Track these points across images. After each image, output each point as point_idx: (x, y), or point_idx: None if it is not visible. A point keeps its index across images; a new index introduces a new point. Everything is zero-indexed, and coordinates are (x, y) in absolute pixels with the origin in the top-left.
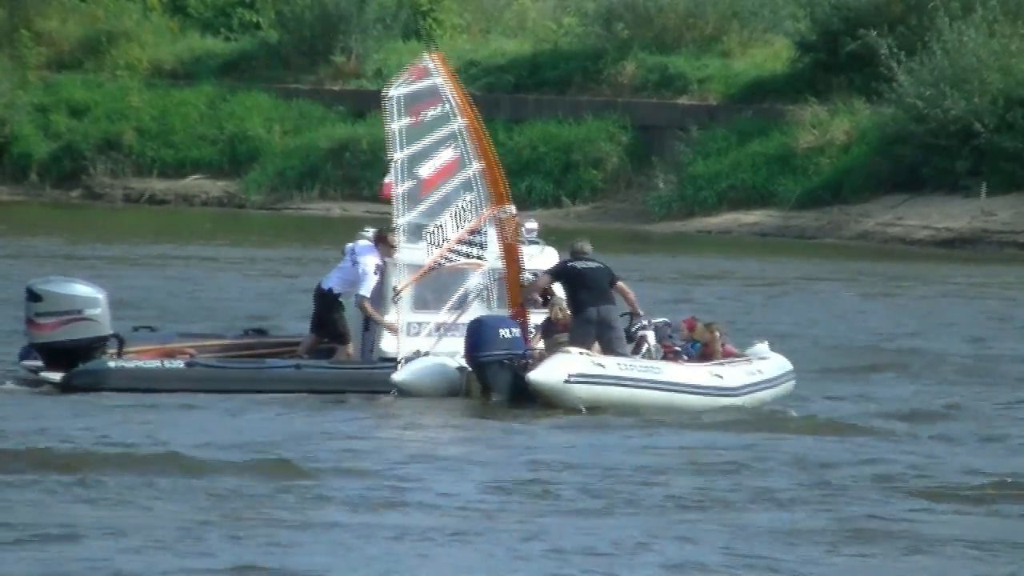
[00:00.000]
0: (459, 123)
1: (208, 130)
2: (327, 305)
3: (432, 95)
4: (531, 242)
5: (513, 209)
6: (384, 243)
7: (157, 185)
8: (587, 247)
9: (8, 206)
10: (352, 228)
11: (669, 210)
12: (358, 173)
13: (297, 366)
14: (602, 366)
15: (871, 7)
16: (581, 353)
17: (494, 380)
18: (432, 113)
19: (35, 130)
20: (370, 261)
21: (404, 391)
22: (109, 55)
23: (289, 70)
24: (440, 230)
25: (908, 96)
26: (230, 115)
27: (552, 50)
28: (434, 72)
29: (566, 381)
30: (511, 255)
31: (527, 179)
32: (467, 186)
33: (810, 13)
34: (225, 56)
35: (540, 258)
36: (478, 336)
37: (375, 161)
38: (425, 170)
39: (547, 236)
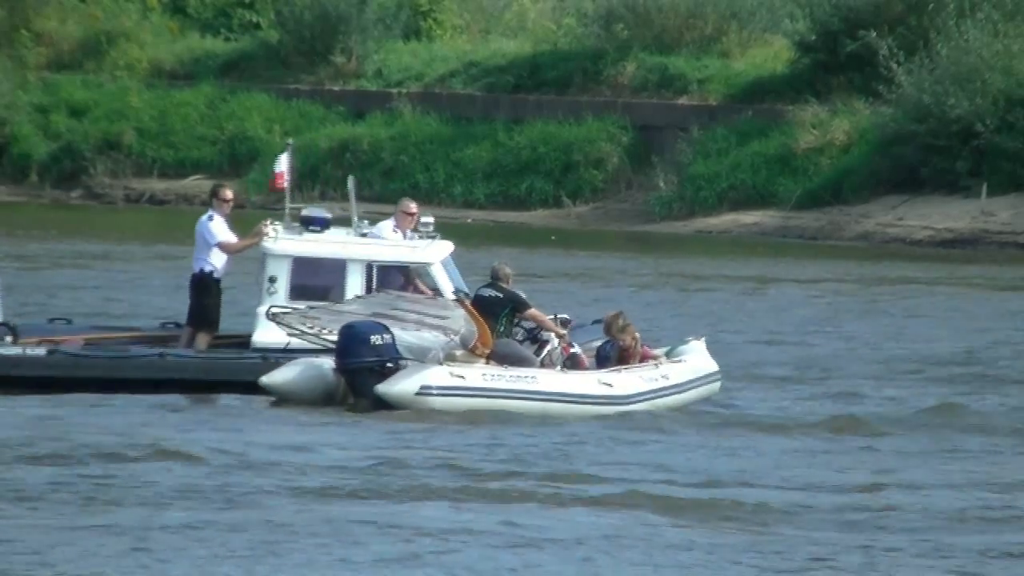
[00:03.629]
0: None
1: (208, 130)
2: (201, 289)
3: None
4: (428, 236)
5: (413, 205)
6: (217, 198)
7: (157, 185)
8: (502, 270)
9: (7, 207)
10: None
11: (669, 210)
12: (358, 173)
13: (161, 354)
14: (461, 377)
15: (871, 7)
16: (441, 363)
17: (363, 387)
18: None
19: (35, 131)
20: (202, 221)
21: (277, 395)
22: (109, 55)
23: (289, 70)
24: None
25: (908, 96)
26: (230, 115)
27: (552, 50)
28: None
29: (418, 393)
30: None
31: (527, 179)
32: None
33: (810, 13)
34: (225, 56)
35: (432, 249)
36: (348, 342)
37: (375, 161)
38: None
39: (547, 237)
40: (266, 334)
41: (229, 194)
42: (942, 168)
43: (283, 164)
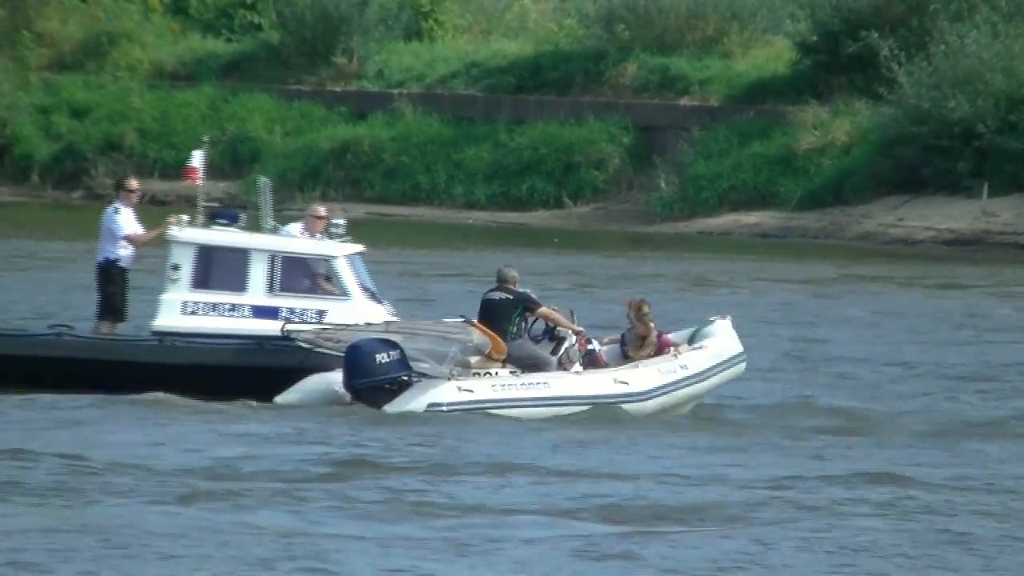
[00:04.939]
0: None
1: (209, 131)
2: (105, 277)
3: None
4: (339, 236)
5: (322, 209)
6: (123, 189)
7: (158, 186)
8: (507, 274)
9: (9, 207)
10: (352, 229)
11: (671, 211)
12: (360, 174)
13: (58, 335)
14: (470, 391)
15: (872, 8)
16: (449, 378)
17: (373, 405)
18: None
19: (36, 131)
20: (108, 213)
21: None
22: (110, 56)
23: (290, 71)
24: None
25: (910, 97)
26: (231, 116)
27: (553, 51)
28: None
29: (426, 411)
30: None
31: (528, 180)
32: None
33: (811, 14)
34: (226, 57)
35: (338, 244)
36: (354, 364)
37: (376, 162)
38: None
39: (548, 237)
40: (167, 319)
41: (135, 184)
42: (943, 169)
43: (197, 160)
